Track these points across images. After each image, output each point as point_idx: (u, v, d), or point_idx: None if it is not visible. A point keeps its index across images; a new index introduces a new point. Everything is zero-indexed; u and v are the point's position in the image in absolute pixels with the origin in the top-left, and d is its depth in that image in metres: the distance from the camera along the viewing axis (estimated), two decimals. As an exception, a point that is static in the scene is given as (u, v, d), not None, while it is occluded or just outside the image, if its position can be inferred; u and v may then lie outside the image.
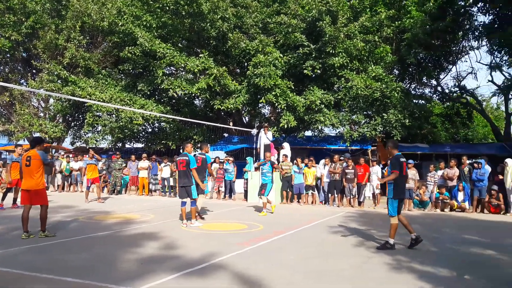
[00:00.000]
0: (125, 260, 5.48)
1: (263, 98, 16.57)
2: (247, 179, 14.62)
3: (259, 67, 16.21)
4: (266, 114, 21.74)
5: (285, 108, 16.60)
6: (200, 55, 17.20)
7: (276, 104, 16.80)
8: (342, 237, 7.60)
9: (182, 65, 17.24)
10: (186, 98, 20.88)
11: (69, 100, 20.33)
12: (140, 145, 23.84)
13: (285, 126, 16.58)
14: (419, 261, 5.67)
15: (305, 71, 16.73)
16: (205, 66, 16.75)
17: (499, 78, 35.47)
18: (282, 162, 14.35)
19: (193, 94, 18.53)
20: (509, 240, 7.63)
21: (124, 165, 16.88)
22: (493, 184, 12.40)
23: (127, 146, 24.92)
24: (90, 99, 17.42)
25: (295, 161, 14.18)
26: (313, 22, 16.79)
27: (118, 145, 21.98)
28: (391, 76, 17.24)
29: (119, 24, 17.92)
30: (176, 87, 17.18)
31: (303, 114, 16.63)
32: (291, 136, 19.30)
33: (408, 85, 21.43)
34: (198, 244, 6.58)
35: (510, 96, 21.62)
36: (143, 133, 22.84)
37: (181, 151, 15.50)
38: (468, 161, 13.54)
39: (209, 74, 16.85)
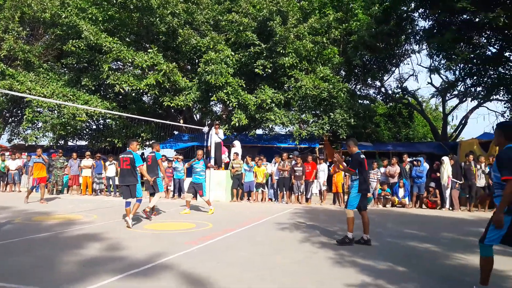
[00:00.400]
0: (66, 262, 5.21)
1: (214, 95, 16.47)
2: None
3: (210, 64, 16.08)
4: (217, 112, 21.64)
5: (237, 106, 16.63)
6: (149, 51, 16.77)
7: (228, 102, 16.78)
8: (289, 233, 7.74)
9: (130, 60, 16.72)
10: (133, 94, 20.26)
11: (6, 95, 19.00)
12: (83, 143, 22.83)
13: (237, 124, 16.60)
14: (361, 255, 5.90)
15: (256, 70, 16.85)
16: (154, 62, 16.35)
17: (437, 80, 37.84)
18: (233, 160, 14.37)
19: (141, 90, 18.02)
20: (444, 233, 8.14)
21: (66, 163, 16.08)
22: (431, 181, 13.22)
23: (69, 143, 23.75)
24: (30, 94, 16.40)
25: (245, 159, 14.25)
26: (264, 21, 16.94)
27: (60, 142, 20.90)
28: (338, 77, 17.83)
29: (63, 16, 17.02)
30: (123, 82, 16.62)
31: (254, 112, 16.75)
32: (242, 134, 19.37)
33: (354, 86, 22.26)
34: (144, 245, 6.41)
35: (447, 98, 23.13)
36: (87, 130, 21.90)
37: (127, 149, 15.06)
38: (408, 159, 14.32)
39: (158, 70, 16.47)
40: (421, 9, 19.31)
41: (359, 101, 20.56)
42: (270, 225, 8.73)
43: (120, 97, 20.95)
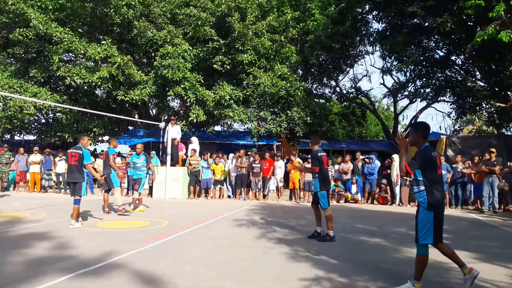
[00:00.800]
0: (10, 262, 4.92)
1: (171, 90, 16.18)
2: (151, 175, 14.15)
3: (167, 58, 15.78)
4: (174, 107, 21.27)
5: (195, 102, 16.43)
6: (103, 42, 16.16)
7: (185, 98, 16.55)
8: (246, 229, 7.78)
9: (82, 51, 16.02)
10: (85, 87, 19.44)
11: None
12: (31, 137, 21.63)
13: (194, 120, 16.42)
14: (315, 250, 6.04)
15: (214, 66, 16.73)
16: (108, 54, 15.79)
17: (389, 81, 39.39)
18: (191, 156, 14.20)
19: (94, 83, 17.32)
20: (393, 228, 8.51)
21: (12, 159, 15.19)
22: (382, 178, 13.77)
23: (16, 138, 22.43)
24: (-29, 84, 15.31)
25: (203, 156, 14.13)
26: (223, 17, 16.84)
27: (6, 136, 19.72)
28: (295, 75, 18.10)
29: (9, 3, 15.97)
30: (74, 75, 15.92)
31: (213, 108, 16.63)
32: (200, 131, 19.20)
33: (311, 85, 22.70)
34: (96, 243, 6.18)
35: (398, 98, 24.13)
36: (36, 124, 20.76)
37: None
38: (361, 157, 14.84)
39: (112, 63, 15.91)
40: (375, 11, 20.01)
41: (315, 100, 21.01)
42: (227, 221, 8.72)
43: (71, 90, 20.06)
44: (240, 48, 16.56)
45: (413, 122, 24.66)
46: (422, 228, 4.13)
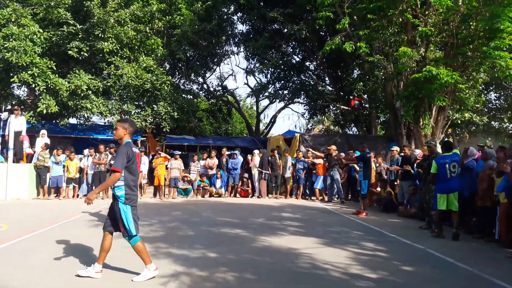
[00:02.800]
0: None
1: (16, 76, 14.11)
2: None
3: (11, 40, 13.74)
4: (21, 96, 18.59)
5: (45, 90, 14.63)
6: None
7: (34, 86, 14.58)
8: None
9: None
10: None
11: None
12: None
13: (45, 111, 14.62)
14: (176, 245, 5.99)
15: (70, 52, 15.15)
16: None
17: (253, 82, 41.51)
18: (41, 152, 12.62)
19: None
20: (252, 219, 8.97)
21: None
22: (244, 172, 14.43)
23: None
24: None
25: (54, 151, 12.71)
26: (80, 0, 15.39)
27: None
28: (162, 69, 17.62)
29: None
30: None
31: (67, 99, 15.03)
32: (52, 123, 17.19)
33: (178, 80, 22.41)
34: None
35: (260, 98, 25.54)
36: None
37: None
38: (227, 152, 15.29)
39: None
40: (239, 13, 20.81)
41: (183, 95, 20.82)
42: (81, 223, 8.01)
43: None
44: (100, 35, 15.35)
45: (272, 120, 26.49)
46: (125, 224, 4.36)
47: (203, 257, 5.41)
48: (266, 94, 22.36)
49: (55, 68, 14.95)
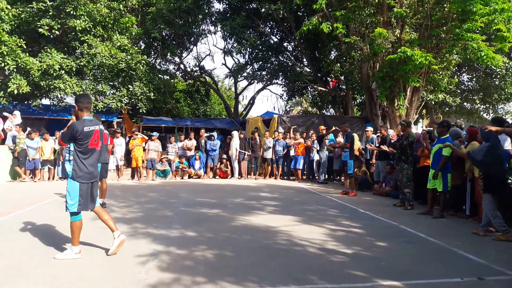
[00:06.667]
0: None
1: (-19, 55, 13.53)
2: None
3: (-25, 16, 13.08)
4: (-12, 76, 17.84)
5: (15, 70, 14.10)
6: None
7: (3, 65, 14.02)
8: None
9: None
10: None
11: None
12: None
13: (16, 91, 14.12)
14: (155, 226, 6.02)
15: (40, 30, 14.57)
16: None
17: (231, 62, 41.14)
18: (18, 134, 12.27)
19: None
20: (231, 199, 9.05)
21: None
22: (223, 153, 14.45)
23: None
24: None
25: (28, 133, 12.38)
26: (50, -25, 14.75)
27: None
28: (137, 48, 17.21)
29: None
30: None
31: (39, 79, 14.54)
32: (24, 104, 16.67)
33: (154, 59, 21.97)
34: None
35: (238, 79, 25.37)
36: None
37: None
38: (205, 134, 15.24)
39: None
40: (217, -10, 20.39)
41: (159, 75, 20.46)
42: (57, 205, 7.90)
43: None
44: (72, 12, 14.79)
45: (251, 101, 26.39)
46: (69, 200, 4.39)
47: (181, 236, 5.46)
48: (245, 75, 22.17)
49: (25, 47, 14.39)
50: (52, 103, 16.78)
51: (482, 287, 3.79)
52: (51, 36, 15.78)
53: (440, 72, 13.35)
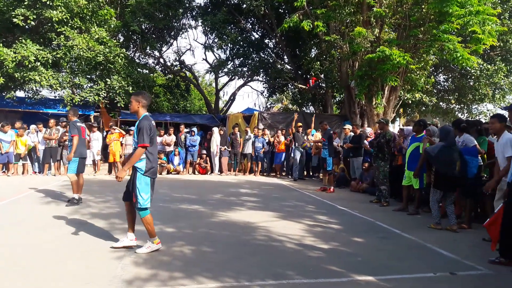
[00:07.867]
0: None
1: (-47, 45, 13.05)
2: None
3: None
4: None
5: (-13, 61, 13.68)
6: None
7: (-26, 56, 13.58)
8: (56, 206, 7.05)
9: None
10: None
11: None
12: None
13: (-12, 83, 13.71)
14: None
15: (15, 20, 14.14)
16: None
17: (211, 57, 40.87)
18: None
19: None
20: (210, 195, 9.03)
21: None
22: (203, 149, 14.38)
23: None
24: None
25: (2, 126, 12.02)
26: (25, -37, 14.31)
27: None
28: (115, 41, 16.88)
29: None
30: None
31: (13, 70, 14.12)
32: (-3, 96, 16.18)
33: (133, 53, 21.58)
34: None
35: (219, 75, 25.22)
36: None
37: None
38: (185, 130, 15.11)
39: None
40: (197, -15, 20.13)
41: (138, 69, 20.12)
42: (33, 200, 7.73)
43: None
44: (48, 3, 14.38)
45: (232, 98, 26.38)
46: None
47: (159, 232, 5.40)
48: (225, 70, 22.03)
49: (-2, 37, 13.97)
50: (27, 96, 16.33)
51: (454, 282, 3.91)
52: (27, 26, 15.33)
53: (417, 72, 13.63)
